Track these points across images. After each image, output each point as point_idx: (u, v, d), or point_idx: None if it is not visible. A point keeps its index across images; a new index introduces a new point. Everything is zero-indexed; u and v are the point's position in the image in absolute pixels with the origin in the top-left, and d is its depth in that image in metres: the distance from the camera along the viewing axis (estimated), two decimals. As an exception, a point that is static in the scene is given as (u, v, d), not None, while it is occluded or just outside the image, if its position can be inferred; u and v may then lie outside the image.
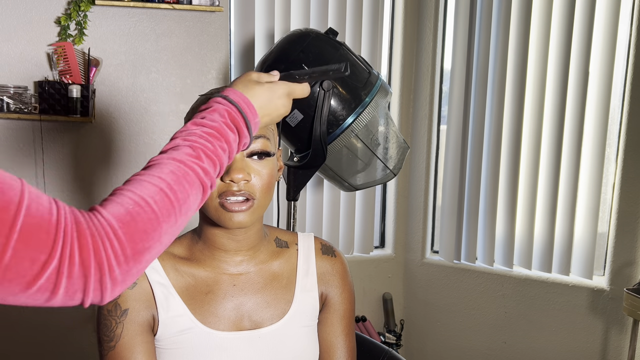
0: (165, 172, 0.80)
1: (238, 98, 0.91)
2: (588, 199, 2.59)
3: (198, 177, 0.83)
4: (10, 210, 0.68)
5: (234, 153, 0.90)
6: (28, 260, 0.68)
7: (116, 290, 0.74)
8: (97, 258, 0.71)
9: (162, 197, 0.78)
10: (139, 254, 0.75)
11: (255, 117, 0.92)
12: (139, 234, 0.75)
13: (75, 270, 0.70)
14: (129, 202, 0.76)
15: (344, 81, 1.88)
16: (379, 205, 2.99)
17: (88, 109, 2.33)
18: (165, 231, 0.78)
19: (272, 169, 1.09)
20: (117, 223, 0.74)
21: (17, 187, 0.70)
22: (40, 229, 0.69)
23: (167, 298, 1.10)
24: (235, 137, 0.89)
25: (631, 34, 2.44)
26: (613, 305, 2.56)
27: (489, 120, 2.67)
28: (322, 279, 1.21)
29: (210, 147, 0.85)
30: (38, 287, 0.69)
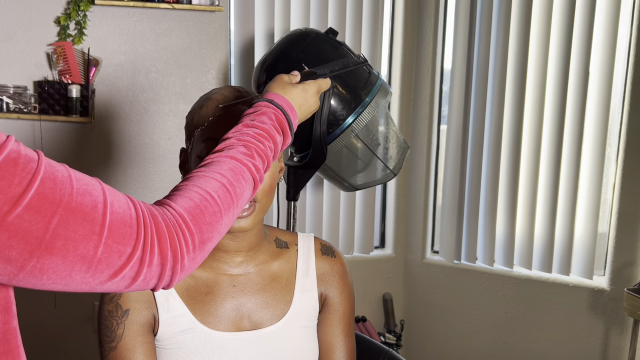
0: (225, 169, 0.88)
1: (282, 102, 1.00)
2: (588, 199, 2.58)
3: (252, 174, 0.91)
4: (99, 209, 0.74)
5: (279, 152, 0.98)
6: (116, 253, 0.74)
7: (182, 276, 0.81)
8: (172, 248, 0.78)
9: (225, 192, 0.86)
10: (204, 243, 0.82)
11: (296, 117, 1.02)
12: (205, 226, 0.82)
13: (155, 259, 0.77)
14: (196, 196, 0.83)
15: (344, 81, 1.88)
16: (379, 205, 2.99)
17: (88, 108, 2.33)
18: (225, 223, 0.86)
19: (274, 172, 1.09)
20: (188, 215, 0.81)
21: (98, 186, 0.77)
22: (125, 224, 0.75)
23: (167, 298, 1.10)
24: (281, 137, 0.98)
25: (631, 34, 2.44)
26: (613, 305, 2.56)
27: (489, 120, 2.67)
28: (322, 279, 1.20)
29: (262, 147, 0.94)
30: (122, 276, 0.75)
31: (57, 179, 0.73)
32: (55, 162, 0.76)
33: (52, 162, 0.76)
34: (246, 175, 0.90)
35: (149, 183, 2.54)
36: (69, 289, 0.76)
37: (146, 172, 2.54)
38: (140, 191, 2.53)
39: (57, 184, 0.72)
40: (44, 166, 0.73)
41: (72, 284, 0.74)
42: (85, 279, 0.74)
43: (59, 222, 0.71)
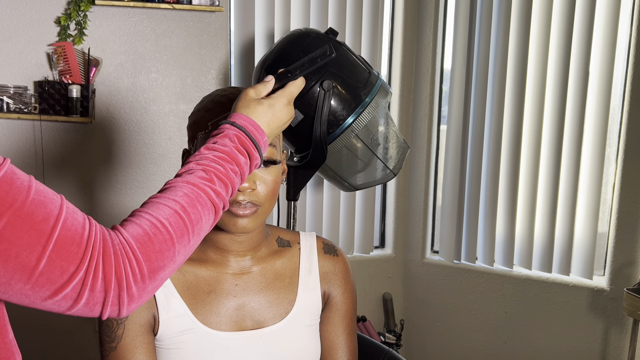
0: (179, 194, 0.86)
1: (245, 122, 0.95)
2: (588, 199, 2.59)
3: (210, 199, 0.88)
4: (49, 222, 0.74)
5: (246, 174, 0.94)
6: (59, 269, 0.74)
7: (132, 306, 0.80)
8: (117, 275, 0.77)
9: (177, 219, 0.84)
10: (154, 273, 0.81)
11: (263, 136, 0.96)
12: (154, 254, 0.81)
13: (97, 284, 0.76)
14: (146, 224, 0.82)
15: (344, 81, 1.88)
16: (379, 205, 2.99)
17: (88, 109, 2.33)
18: (179, 251, 0.84)
19: (277, 176, 1.09)
20: (135, 243, 0.80)
21: (58, 202, 0.77)
22: (73, 242, 0.75)
23: (167, 298, 1.10)
24: (246, 160, 0.94)
25: (631, 34, 2.44)
26: (613, 305, 2.56)
27: (489, 120, 2.67)
28: (325, 278, 1.21)
29: (222, 170, 0.90)
30: (64, 295, 0.75)
31: (14, 184, 0.74)
32: (22, 172, 0.78)
33: (17, 170, 0.77)
34: (203, 200, 0.87)
35: (149, 183, 2.54)
36: (10, 298, 0.75)
37: (146, 172, 2.54)
38: (140, 191, 2.54)
39: (12, 188, 0.74)
40: (4, 170, 0.74)
41: (11, 292, 0.74)
42: (25, 290, 0.74)
43: (6, 225, 0.71)
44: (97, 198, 2.51)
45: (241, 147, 0.93)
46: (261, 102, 0.98)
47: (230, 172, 0.91)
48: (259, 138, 0.95)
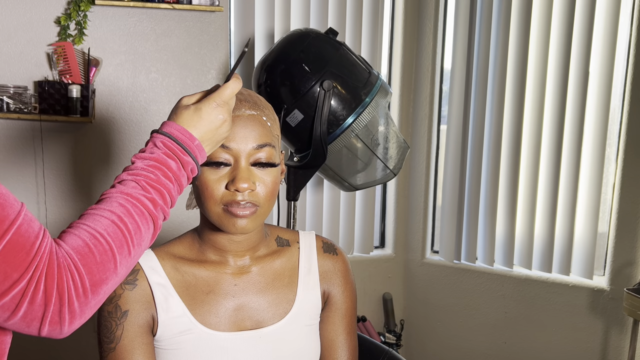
0: (115, 205, 0.85)
1: (170, 128, 0.94)
2: (588, 199, 2.59)
3: (146, 209, 0.87)
4: (4, 225, 0.73)
5: (183, 181, 0.93)
6: (2, 275, 0.73)
7: (74, 324, 0.78)
8: (59, 289, 0.76)
9: (115, 229, 0.83)
10: (97, 286, 0.79)
11: (193, 140, 0.94)
12: (96, 266, 0.79)
13: (38, 296, 0.74)
14: (85, 235, 0.81)
15: (344, 81, 1.88)
16: (379, 205, 2.99)
17: (88, 109, 2.33)
18: (120, 262, 0.82)
19: (277, 177, 1.08)
20: (76, 255, 0.78)
21: (17, 207, 0.76)
22: (22, 248, 0.74)
23: (166, 299, 1.09)
24: (177, 164, 0.92)
25: (631, 34, 2.44)
26: (613, 305, 2.56)
27: (489, 120, 2.67)
28: (324, 277, 1.20)
29: (154, 178, 0.89)
30: (2, 304, 0.73)
31: None
32: None
33: None
34: (138, 209, 0.86)
35: (149, 183, 2.54)
36: None
37: (146, 172, 2.54)
38: (140, 191, 2.53)
39: None
40: None
41: None
42: None
43: None
44: (97, 198, 2.51)
45: (169, 152, 0.91)
46: (188, 107, 0.96)
47: (163, 178, 0.90)
48: (188, 142, 0.93)
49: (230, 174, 1.04)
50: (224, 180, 1.04)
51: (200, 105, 0.96)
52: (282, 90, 1.89)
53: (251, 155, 1.04)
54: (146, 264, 1.11)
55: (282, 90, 1.89)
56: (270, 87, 1.92)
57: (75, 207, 2.49)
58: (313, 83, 1.85)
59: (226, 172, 1.04)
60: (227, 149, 1.03)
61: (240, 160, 1.04)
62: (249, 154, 1.04)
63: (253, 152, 1.04)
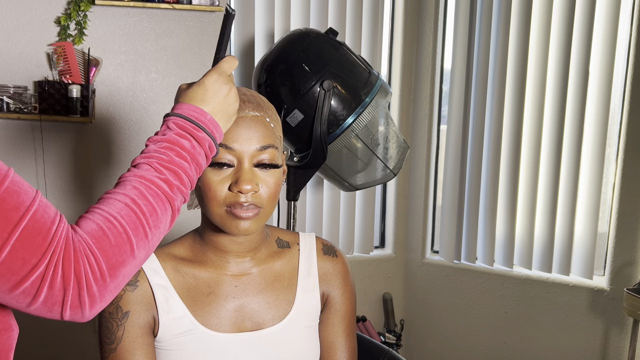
0: (128, 188, 0.85)
1: (180, 108, 0.93)
2: (588, 199, 2.59)
3: (161, 190, 0.86)
4: (19, 211, 0.74)
5: (200, 158, 0.92)
6: (20, 260, 0.74)
7: (96, 308, 0.78)
8: (76, 273, 0.76)
9: (128, 212, 0.82)
10: (114, 269, 0.79)
11: (205, 115, 0.93)
12: (111, 249, 0.79)
13: (57, 281, 0.75)
14: (99, 219, 0.81)
15: (344, 81, 1.88)
16: (379, 205, 2.99)
17: (88, 109, 2.33)
18: (137, 245, 0.82)
19: (279, 178, 1.09)
20: (91, 239, 0.79)
21: (32, 194, 0.77)
22: (39, 233, 0.75)
23: (167, 300, 1.10)
24: (192, 142, 0.91)
25: (631, 34, 2.44)
26: (613, 305, 2.56)
27: (489, 120, 2.67)
28: (324, 279, 1.20)
29: (166, 159, 0.88)
30: (22, 290, 0.75)
31: None
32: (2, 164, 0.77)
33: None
34: (152, 191, 0.86)
35: (149, 183, 2.54)
36: None
37: (146, 172, 2.54)
38: (140, 191, 2.54)
39: None
40: None
41: None
42: None
43: None
44: (97, 198, 2.51)
45: (181, 132, 0.91)
46: (190, 85, 0.97)
47: (176, 158, 0.89)
48: (200, 117, 0.92)
49: (233, 176, 1.04)
50: (227, 181, 1.03)
51: (202, 80, 0.96)
52: (282, 90, 1.89)
53: (254, 157, 1.04)
54: (147, 265, 1.11)
55: (282, 90, 1.89)
56: (270, 87, 1.92)
57: (76, 207, 2.49)
58: (313, 83, 1.85)
59: (229, 174, 1.04)
60: (230, 150, 1.03)
61: (244, 162, 1.03)
62: (252, 155, 1.04)
63: (256, 153, 1.04)
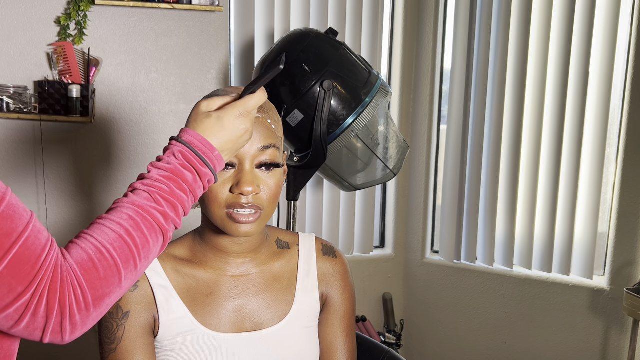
0: (124, 217, 0.83)
1: (190, 137, 0.90)
2: (588, 199, 2.59)
3: (157, 222, 0.85)
4: (11, 237, 0.73)
5: (198, 191, 0.90)
6: (7, 287, 0.73)
7: (76, 334, 0.78)
8: (61, 303, 0.76)
9: (121, 244, 0.81)
10: (99, 300, 0.79)
11: (213, 150, 0.91)
12: (99, 282, 0.79)
13: (40, 309, 0.75)
14: (91, 248, 0.80)
15: (344, 81, 1.88)
16: (379, 205, 2.99)
17: (88, 109, 2.33)
18: (125, 277, 0.82)
19: (280, 179, 1.08)
20: (80, 270, 0.78)
21: (26, 218, 0.76)
22: (29, 261, 0.74)
23: (167, 300, 1.10)
24: (194, 176, 0.89)
25: (631, 34, 2.44)
26: (613, 305, 2.56)
27: (489, 120, 2.67)
28: (323, 279, 1.20)
29: (167, 190, 0.86)
30: (5, 315, 0.74)
31: None
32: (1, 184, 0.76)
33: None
34: (149, 223, 0.84)
35: (149, 183, 2.54)
36: None
37: (146, 172, 2.54)
38: (140, 191, 2.53)
39: None
40: None
41: None
42: None
43: None
44: (97, 198, 2.51)
45: (186, 164, 0.88)
46: (209, 115, 0.92)
47: (177, 190, 0.87)
48: (208, 152, 0.90)
49: (234, 177, 1.03)
50: (228, 183, 1.03)
51: (222, 114, 0.92)
52: (282, 90, 1.89)
53: (256, 158, 1.04)
54: (147, 265, 1.11)
55: (282, 90, 1.89)
56: (270, 87, 1.92)
57: (75, 207, 2.49)
58: (313, 83, 1.85)
59: (230, 175, 1.03)
60: None
61: (245, 163, 1.03)
62: (253, 157, 1.04)
63: (258, 154, 1.04)
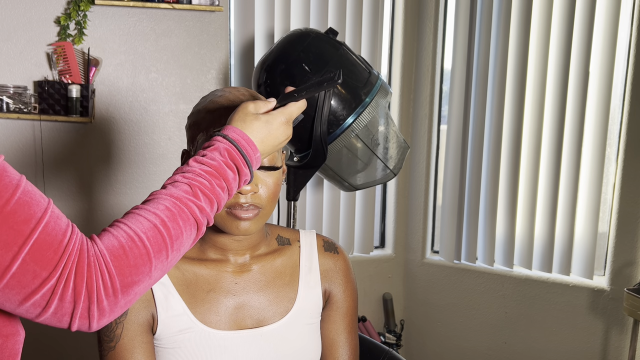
0: (161, 208, 0.83)
1: (237, 136, 0.91)
2: (588, 199, 2.58)
3: (193, 215, 0.85)
4: (30, 223, 0.73)
5: (234, 190, 0.91)
6: (31, 273, 0.73)
7: (103, 320, 0.78)
8: (88, 287, 0.75)
9: (155, 233, 0.81)
10: (128, 287, 0.79)
11: (256, 152, 0.93)
12: (129, 269, 0.78)
13: (67, 294, 0.74)
14: (123, 236, 0.79)
15: (344, 81, 1.88)
16: (379, 205, 2.99)
17: (88, 108, 2.33)
18: (156, 266, 0.81)
19: (279, 178, 1.09)
20: (109, 256, 0.78)
21: (43, 204, 0.76)
22: (50, 247, 0.74)
23: (166, 297, 1.09)
24: (235, 175, 0.90)
25: (631, 34, 2.44)
26: (613, 305, 2.56)
27: (489, 120, 2.67)
28: (325, 276, 1.20)
29: (208, 186, 0.87)
30: (33, 302, 0.74)
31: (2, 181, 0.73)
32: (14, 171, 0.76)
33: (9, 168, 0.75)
34: (185, 215, 0.84)
35: (148, 183, 2.54)
36: None
37: (146, 172, 2.54)
38: (140, 191, 2.53)
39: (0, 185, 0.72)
40: None
41: None
42: None
43: None
44: (97, 198, 2.51)
45: (230, 162, 0.89)
46: (258, 117, 0.94)
47: (217, 187, 0.88)
48: (251, 154, 0.91)
49: None
50: None
51: (270, 119, 0.95)
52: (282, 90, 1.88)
53: None
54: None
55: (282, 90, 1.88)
56: (270, 87, 1.92)
57: (75, 207, 2.48)
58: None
59: None
60: None
61: None
62: None
63: None
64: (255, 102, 0.96)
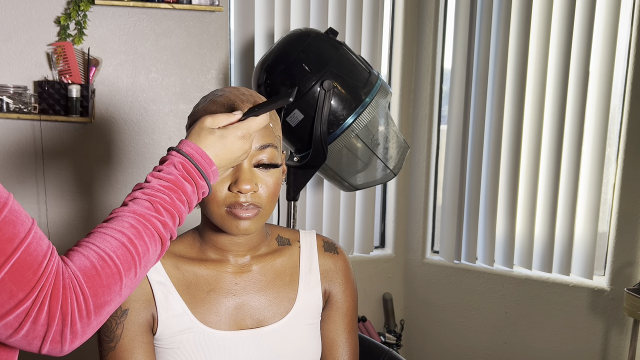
0: (126, 226, 0.83)
1: (191, 150, 0.92)
2: (588, 199, 2.59)
3: (157, 231, 0.86)
4: (14, 242, 0.73)
5: (194, 203, 0.92)
6: (8, 293, 0.72)
7: (75, 343, 0.77)
8: (63, 310, 0.75)
9: (124, 251, 0.81)
10: (101, 308, 0.79)
11: (212, 165, 0.93)
12: (102, 289, 0.78)
13: (41, 317, 0.74)
14: (94, 256, 0.79)
15: (344, 81, 1.88)
16: (379, 205, 2.99)
17: (88, 108, 2.33)
18: (126, 284, 0.82)
19: (278, 177, 1.09)
20: (82, 277, 0.77)
21: (28, 224, 0.75)
22: (30, 268, 0.73)
23: (167, 297, 1.09)
24: (193, 188, 0.91)
25: (631, 34, 2.44)
26: (613, 305, 2.56)
27: (489, 120, 2.67)
28: (325, 276, 1.20)
29: (169, 200, 0.88)
30: (4, 323, 0.73)
31: None
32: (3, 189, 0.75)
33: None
34: (150, 232, 0.85)
35: (149, 183, 2.54)
36: None
37: (146, 172, 2.54)
38: (140, 191, 2.53)
39: None
40: None
41: None
42: None
43: None
44: (97, 198, 2.51)
45: (187, 175, 0.90)
46: (213, 131, 0.94)
47: (177, 201, 0.89)
48: (207, 167, 0.92)
49: (232, 176, 1.03)
50: (226, 181, 1.03)
51: (226, 133, 0.95)
52: (282, 90, 1.89)
53: (254, 157, 1.04)
54: (146, 263, 1.11)
55: (282, 90, 1.89)
56: (270, 87, 1.92)
57: (75, 207, 2.48)
58: (313, 83, 1.85)
59: (229, 174, 1.04)
60: None
61: (243, 162, 1.03)
62: (251, 155, 1.04)
63: (256, 153, 1.04)
64: (214, 116, 0.96)
